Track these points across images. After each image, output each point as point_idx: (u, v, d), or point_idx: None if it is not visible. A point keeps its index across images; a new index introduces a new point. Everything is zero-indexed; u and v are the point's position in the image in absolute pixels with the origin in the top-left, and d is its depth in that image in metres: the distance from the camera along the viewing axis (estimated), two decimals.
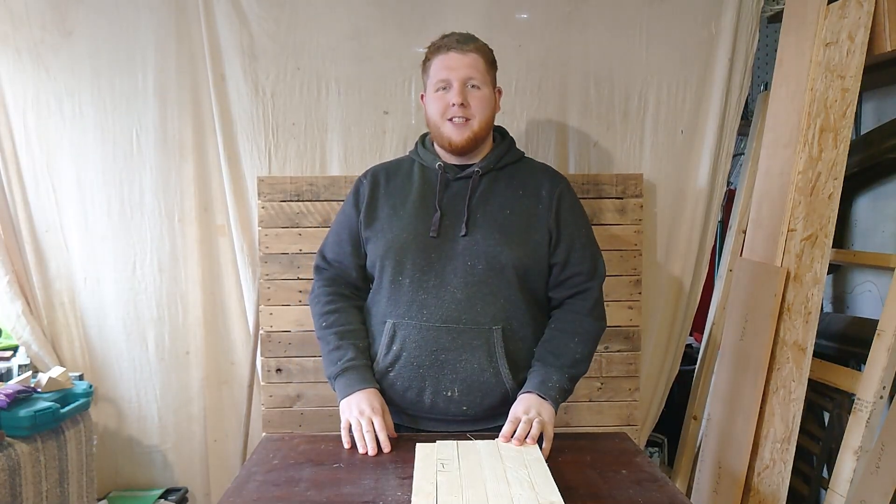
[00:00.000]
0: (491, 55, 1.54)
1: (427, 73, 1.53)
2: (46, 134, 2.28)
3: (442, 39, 1.50)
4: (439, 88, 1.48)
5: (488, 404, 1.46)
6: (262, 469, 1.28)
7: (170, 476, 2.45)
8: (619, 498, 1.15)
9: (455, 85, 1.46)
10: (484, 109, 1.49)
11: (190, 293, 2.37)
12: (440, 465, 1.19)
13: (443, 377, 1.44)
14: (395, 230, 1.49)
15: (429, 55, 1.52)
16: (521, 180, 1.55)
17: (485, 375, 1.44)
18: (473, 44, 1.49)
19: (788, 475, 1.87)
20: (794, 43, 2.08)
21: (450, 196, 1.51)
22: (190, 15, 2.26)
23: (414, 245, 1.46)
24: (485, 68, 1.49)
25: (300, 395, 2.24)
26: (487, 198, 1.50)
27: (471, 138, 1.48)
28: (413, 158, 1.60)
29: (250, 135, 2.30)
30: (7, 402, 1.87)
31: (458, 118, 1.47)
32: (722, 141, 2.32)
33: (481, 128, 1.49)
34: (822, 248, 1.87)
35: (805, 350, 1.86)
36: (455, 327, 1.44)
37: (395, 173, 1.59)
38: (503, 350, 1.45)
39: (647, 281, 2.32)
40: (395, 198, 1.54)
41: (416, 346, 1.45)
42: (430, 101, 1.51)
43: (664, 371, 2.45)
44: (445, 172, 1.52)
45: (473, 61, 1.47)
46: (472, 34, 1.53)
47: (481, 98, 1.48)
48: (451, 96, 1.46)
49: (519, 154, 1.60)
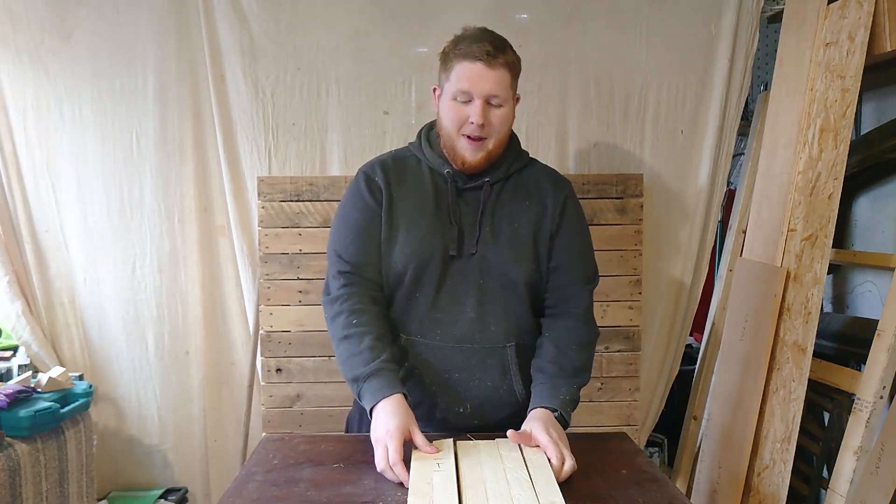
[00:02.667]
0: (518, 66, 1.43)
1: (447, 73, 1.40)
2: (46, 134, 2.28)
3: (471, 45, 1.36)
4: (459, 99, 1.38)
5: (500, 417, 1.44)
6: (262, 469, 1.28)
7: (170, 476, 2.45)
8: (619, 498, 1.15)
9: (477, 102, 1.36)
10: (502, 129, 1.40)
11: (190, 293, 2.37)
12: (438, 465, 1.19)
13: (455, 395, 1.42)
14: (412, 245, 1.42)
15: (453, 54, 1.39)
16: (527, 189, 1.49)
17: (498, 392, 1.43)
18: (504, 57, 1.37)
19: (788, 475, 1.87)
20: (794, 43, 2.07)
21: (462, 207, 1.45)
22: (190, 16, 2.26)
23: (433, 262, 1.41)
24: (509, 83, 1.39)
25: (300, 395, 2.24)
26: (496, 210, 1.45)
27: (484, 158, 1.41)
28: (417, 156, 1.51)
29: (250, 135, 2.30)
30: (7, 402, 1.87)
31: (475, 136, 1.38)
32: (722, 141, 2.32)
33: (496, 147, 1.42)
34: (822, 248, 1.87)
35: (805, 350, 1.86)
36: (469, 347, 1.41)
37: (403, 171, 1.49)
38: (517, 367, 1.43)
39: (647, 281, 2.32)
40: (411, 202, 1.45)
41: (428, 365, 1.42)
42: (446, 107, 1.41)
43: (664, 371, 2.45)
44: (456, 181, 1.45)
45: (500, 77, 1.36)
46: (503, 40, 1.41)
47: (501, 117, 1.39)
48: (471, 113, 1.36)
49: (525, 158, 1.54)
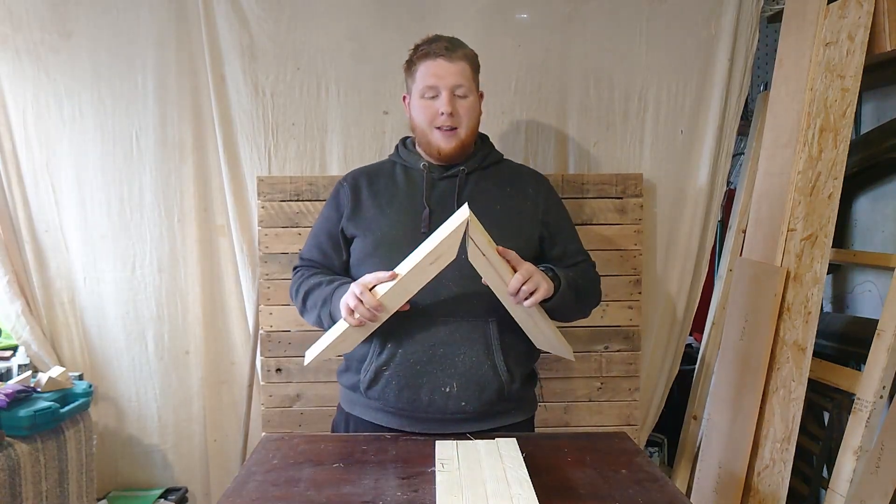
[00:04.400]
0: (477, 61, 1.55)
1: (412, 77, 1.52)
2: (46, 134, 2.28)
3: (429, 45, 1.50)
4: (426, 96, 1.49)
5: (486, 399, 1.46)
6: (261, 469, 1.28)
7: (169, 476, 2.45)
8: (619, 498, 1.15)
9: (444, 94, 1.47)
10: (471, 118, 1.51)
11: (190, 293, 2.37)
12: (440, 465, 1.19)
13: (440, 372, 1.44)
14: (383, 228, 1.50)
15: (414, 59, 1.52)
16: (506, 179, 1.59)
17: (482, 368, 1.45)
18: (461, 50, 1.50)
19: (788, 475, 1.87)
20: (794, 43, 2.08)
21: (437, 194, 1.52)
22: (190, 16, 2.26)
23: (404, 241, 1.45)
24: (471, 75, 1.51)
25: (300, 394, 2.24)
26: (475, 195, 1.51)
27: (458, 146, 1.51)
28: (394, 161, 1.61)
29: (250, 135, 2.30)
30: (7, 401, 1.87)
31: (447, 127, 1.48)
32: (722, 141, 2.32)
33: (468, 135, 1.52)
34: (821, 248, 1.87)
35: (805, 350, 1.87)
36: (452, 320, 1.45)
37: (377, 176, 1.59)
38: (499, 343, 1.46)
39: (647, 281, 2.32)
40: (381, 198, 1.55)
41: (413, 341, 1.45)
42: (417, 108, 1.52)
43: (664, 371, 2.45)
44: (431, 172, 1.54)
45: (461, 69, 1.48)
46: (457, 39, 1.53)
47: (468, 106, 1.50)
48: (439, 105, 1.47)
49: (499, 156, 1.64)
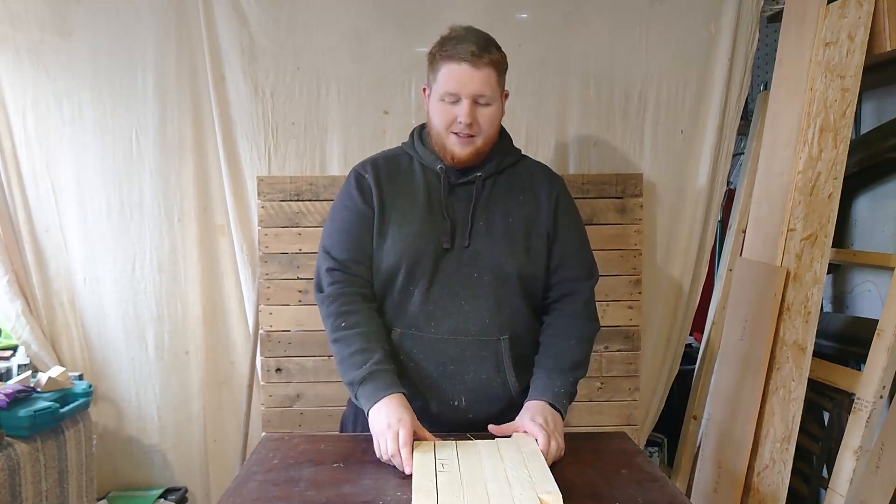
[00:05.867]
0: (504, 64, 1.45)
1: (434, 74, 1.43)
2: (46, 134, 2.28)
3: (455, 46, 1.38)
4: (447, 100, 1.40)
5: (494, 411, 1.45)
6: (261, 469, 1.28)
7: (169, 476, 2.45)
8: (619, 498, 1.15)
9: (465, 102, 1.38)
10: (491, 126, 1.43)
11: (189, 293, 2.37)
12: (440, 465, 1.19)
13: (450, 388, 1.43)
14: (406, 239, 1.44)
15: (439, 55, 1.41)
16: (520, 185, 1.52)
17: (492, 385, 1.44)
18: (489, 56, 1.39)
19: (788, 475, 1.87)
20: (793, 43, 2.07)
21: (455, 202, 1.47)
22: (189, 15, 2.26)
23: (427, 256, 1.43)
24: (496, 81, 1.41)
25: (300, 394, 2.24)
26: (489, 205, 1.48)
27: (473, 154, 1.44)
28: (410, 154, 1.53)
29: (250, 135, 2.29)
30: (7, 401, 1.86)
31: (464, 134, 1.41)
32: (722, 141, 2.32)
33: (485, 143, 1.45)
34: (821, 248, 1.87)
35: (805, 350, 1.86)
36: (463, 339, 1.42)
37: (395, 169, 1.52)
38: (510, 359, 1.44)
39: (647, 281, 2.32)
40: (402, 199, 1.48)
41: (424, 357, 1.43)
42: (435, 108, 1.44)
43: (664, 371, 2.45)
44: (448, 176, 1.48)
45: (486, 77, 1.38)
46: (488, 39, 1.42)
47: (489, 115, 1.42)
48: (459, 112, 1.39)
49: (517, 154, 1.57)
